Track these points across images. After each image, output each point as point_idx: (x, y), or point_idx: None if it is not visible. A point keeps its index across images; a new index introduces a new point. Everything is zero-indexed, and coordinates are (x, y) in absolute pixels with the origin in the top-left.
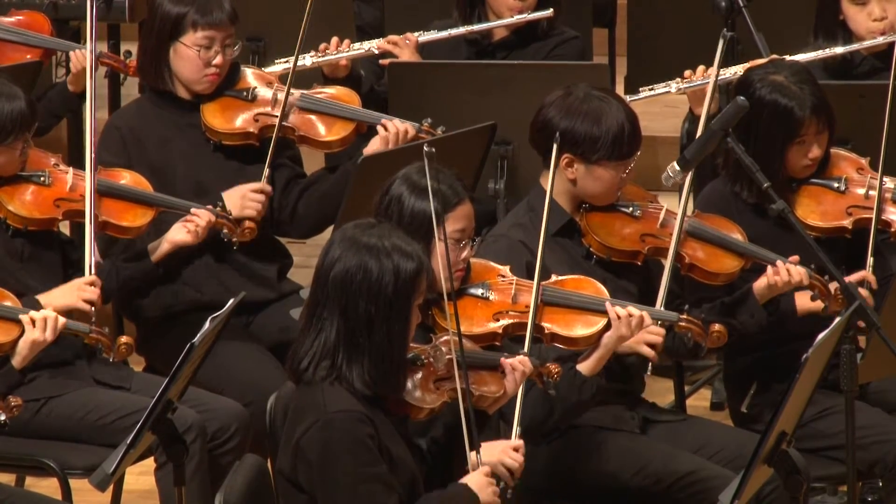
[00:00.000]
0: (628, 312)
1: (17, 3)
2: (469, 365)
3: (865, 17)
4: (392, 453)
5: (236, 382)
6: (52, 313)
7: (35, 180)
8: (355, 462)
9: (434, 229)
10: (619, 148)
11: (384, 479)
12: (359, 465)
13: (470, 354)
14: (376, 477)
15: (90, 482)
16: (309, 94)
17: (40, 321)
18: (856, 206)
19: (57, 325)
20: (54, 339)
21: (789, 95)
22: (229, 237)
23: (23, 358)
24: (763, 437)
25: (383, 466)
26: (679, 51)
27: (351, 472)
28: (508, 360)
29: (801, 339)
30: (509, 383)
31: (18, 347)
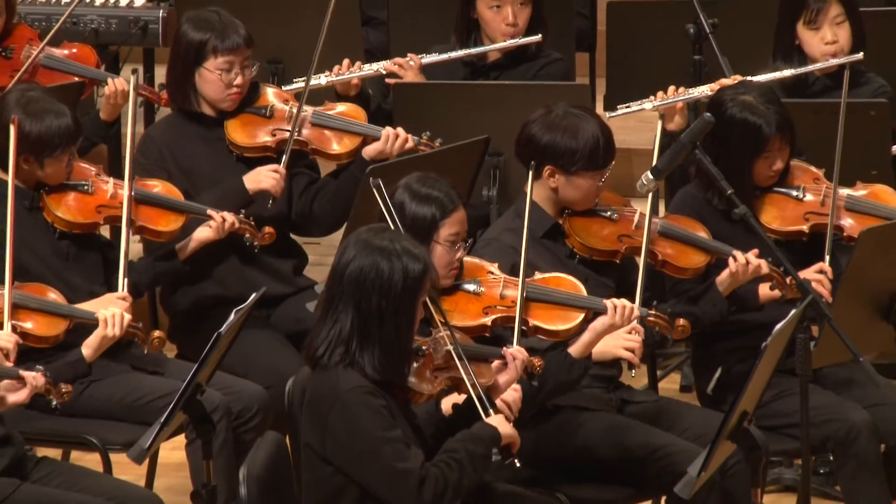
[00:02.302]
0: (623, 304)
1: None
2: (464, 355)
3: (818, 41)
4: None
5: (258, 368)
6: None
7: (79, 189)
8: (375, 429)
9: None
10: (595, 159)
11: (403, 439)
12: (378, 431)
13: (465, 347)
14: (396, 438)
15: (128, 456)
16: (321, 111)
17: (111, 318)
18: (812, 212)
19: (124, 322)
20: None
21: (758, 114)
22: (251, 241)
23: (94, 351)
24: (727, 416)
25: (399, 430)
26: (652, 73)
27: (373, 439)
28: (509, 350)
29: (761, 329)
30: (511, 371)
31: (90, 341)
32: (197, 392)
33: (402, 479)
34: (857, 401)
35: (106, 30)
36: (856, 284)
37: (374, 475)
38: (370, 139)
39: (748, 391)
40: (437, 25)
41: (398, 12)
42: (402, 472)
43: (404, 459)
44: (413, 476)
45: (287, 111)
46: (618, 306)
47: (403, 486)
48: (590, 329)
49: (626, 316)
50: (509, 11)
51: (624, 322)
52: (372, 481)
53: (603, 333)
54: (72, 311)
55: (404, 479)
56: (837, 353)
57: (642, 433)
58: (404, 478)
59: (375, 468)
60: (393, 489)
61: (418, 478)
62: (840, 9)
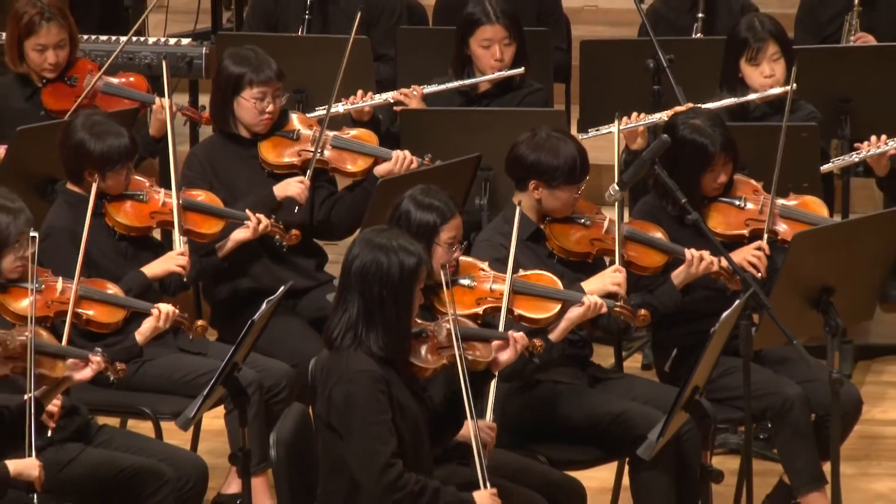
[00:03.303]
0: (595, 301)
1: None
2: (463, 337)
3: (758, 75)
4: (401, 401)
5: (285, 349)
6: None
7: (135, 198)
8: (368, 410)
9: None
10: (573, 175)
11: (389, 425)
12: (371, 413)
13: (470, 330)
14: (384, 423)
15: (176, 424)
16: (340, 135)
17: (162, 314)
18: (752, 218)
19: (171, 316)
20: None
21: (705, 135)
22: (280, 242)
23: (145, 337)
24: (681, 390)
25: (389, 415)
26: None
27: (364, 417)
28: (512, 333)
29: (711, 317)
30: (511, 350)
31: (142, 329)
32: (234, 370)
33: (374, 458)
34: (791, 377)
35: (157, 64)
36: (790, 279)
37: (353, 446)
38: (381, 160)
39: (699, 369)
40: (437, 61)
41: (404, 50)
42: (375, 451)
43: (384, 443)
44: (382, 457)
45: (311, 135)
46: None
47: (372, 464)
48: (565, 318)
49: (594, 309)
50: (497, 49)
51: (594, 312)
52: (350, 451)
53: (577, 322)
54: (128, 303)
55: (375, 459)
56: (774, 337)
57: (608, 402)
58: (375, 457)
59: (357, 441)
60: (363, 464)
61: (385, 463)
62: (776, 47)
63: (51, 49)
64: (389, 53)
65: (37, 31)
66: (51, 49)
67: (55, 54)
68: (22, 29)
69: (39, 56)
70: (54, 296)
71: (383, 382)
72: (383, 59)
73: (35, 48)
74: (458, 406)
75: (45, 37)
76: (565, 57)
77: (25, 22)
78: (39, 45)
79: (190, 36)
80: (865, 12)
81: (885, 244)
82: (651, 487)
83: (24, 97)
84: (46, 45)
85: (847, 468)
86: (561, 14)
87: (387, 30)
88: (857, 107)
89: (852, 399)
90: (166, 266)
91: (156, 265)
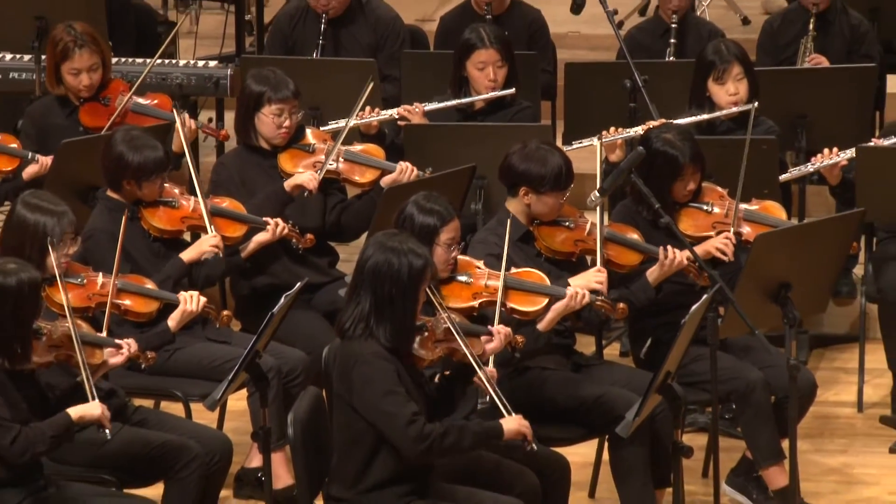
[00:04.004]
0: (578, 292)
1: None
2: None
3: (724, 93)
4: (407, 388)
5: (302, 338)
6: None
7: (168, 204)
8: (384, 383)
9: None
10: (559, 183)
11: (404, 394)
12: (385, 385)
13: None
14: (398, 392)
15: (204, 405)
16: (350, 149)
17: (191, 298)
18: (718, 221)
19: (200, 302)
20: (199, 311)
21: (676, 148)
22: (297, 244)
23: (177, 323)
24: (655, 375)
25: (403, 388)
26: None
27: (380, 390)
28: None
29: (681, 309)
30: (496, 342)
31: (174, 315)
32: (256, 357)
33: (398, 420)
34: (754, 363)
35: (187, 84)
36: (752, 276)
37: (378, 415)
38: (387, 172)
39: (671, 356)
40: (437, 81)
41: (408, 71)
42: (397, 414)
43: (402, 406)
44: (404, 418)
45: (325, 148)
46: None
47: (397, 426)
48: (552, 310)
49: (579, 300)
50: (491, 71)
51: (578, 305)
52: (376, 420)
53: (563, 313)
54: (160, 295)
55: (399, 420)
56: (738, 328)
57: (590, 386)
58: (399, 419)
59: (380, 410)
60: (388, 427)
61: (408, 419)
62: (740, 69)
63: (84, 72)
64: (394, 74)
65: (71, 56)
66: (84, 72)
67: (88, 77)
68: (58, 55)
69: (74, 79)
70: (95, 289)
71: (392, 362)
72: (389, 80)
73: (70, 72)
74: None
75: (79, 61)
76: (551, 78)
77: (61, 48)
78: (74, 69)
79: (216, 59)
80: (819, 37)
81: (837, 245)
82: (628, 462)
83: (63, 115)
84: (80, 68)
85: (803, 445)
86: (548, 40)
87: (392, 53)
88: (812, 122)
89: (808, 383)
90: (201, 248)
91: (191, 250)
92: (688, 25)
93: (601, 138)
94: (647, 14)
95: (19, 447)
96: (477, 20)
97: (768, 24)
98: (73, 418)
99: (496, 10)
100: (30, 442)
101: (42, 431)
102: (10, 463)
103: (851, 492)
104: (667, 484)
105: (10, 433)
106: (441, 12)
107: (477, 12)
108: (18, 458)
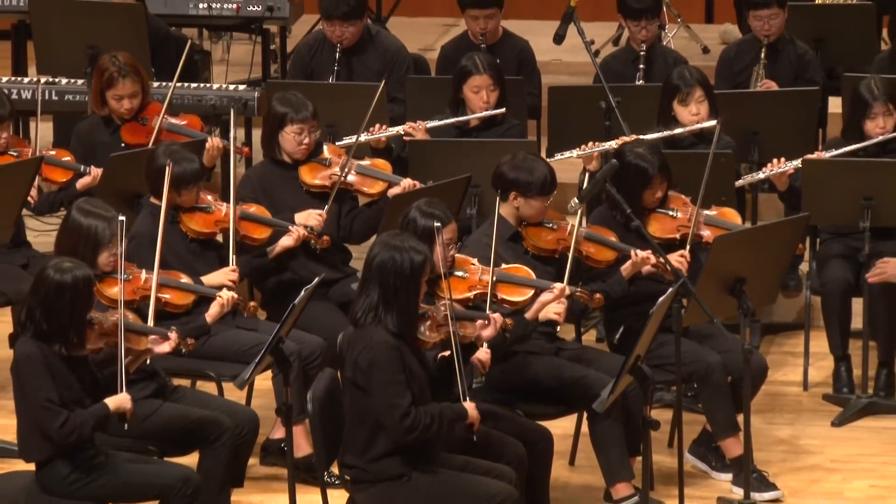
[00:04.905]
0: (561, 287)
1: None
2: (456, 317)
3: (687, 113)
4: (410, 366)
5: (319, 326)
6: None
7: (203, 210)
8: (387, 371)
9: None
10: (545, 189)
11: (404, 384)
12: (389, 373)
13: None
14: (399, 381)
15: (234, 384)
16: (361, 164)
17: (226, 298)
18: (682, 225)
19: (232, 301)
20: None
21: (645, 160)
22: (315, 245)
23: (213, 318)
24: (627, 358)
25: (403, 376)
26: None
27: (385, 378)
28: (492, 314)
29: (650, 301)
30: (491, 327)
31: (211, 311)
32: (279, 342)
33: (395, 410)
34: (713, 348)
35: (220, 105)
36: (711, 272)
37: (378, 401)
38: (393, 184)
39: (641, 342)
40: (437, 102)
41: (412, 94)
42: (395, 405)
43: (400, 397)
44: (400, 409)
45: (340, 162)
46: (557, 286)
47: (392, 413)
48: (538, 301)
49: (558, 294)
50: (484, 93)
51: (559, 296)
52: (375, 404)
53: (547, 303)
54: (196, 289)
55: (396, 410)
56: (699, 317)
57: (571, 368)
58: (396, 409)
59: (380, 395)
60: (385, 412)
61: (403, 412)
62: (701, 92)
63: (126, 98)
64: (400, 96)
65: (115, 84)
66: (126, 98)
67: (130, 102)
68: (104, 82)
69: (117, 103)
70: (139, 284)
71: (398, 350)
72: (395, 101)
73: (114, 97)
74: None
75: (122, 89)
76: (537, 100)
77: (106, 77)
78: (117, 95)
79: (245, 83)
80: (769, 64)
81: (786, 245)
82: (604, 433)
83: (108, 133)
84: (123, 95)
85: (755, 419)
86: (534, 67)
87: (398, 78)
88: (764, 138)
89: (760, 365)
90: (220, 279)
91: (213, 277)
92: (655, 54)
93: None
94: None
95: (66, 431)
96: (472, 49)
97: (725, 52)
98: (111, 409)
99: (489, 41)
100: (75, 426)
101: (84, 421)
102: (58, 444)
103: (798, 460)
104: (637, 453)
105: (60, 418)
106: (441, 42)
107: (473, 42)
108: (65, 440)
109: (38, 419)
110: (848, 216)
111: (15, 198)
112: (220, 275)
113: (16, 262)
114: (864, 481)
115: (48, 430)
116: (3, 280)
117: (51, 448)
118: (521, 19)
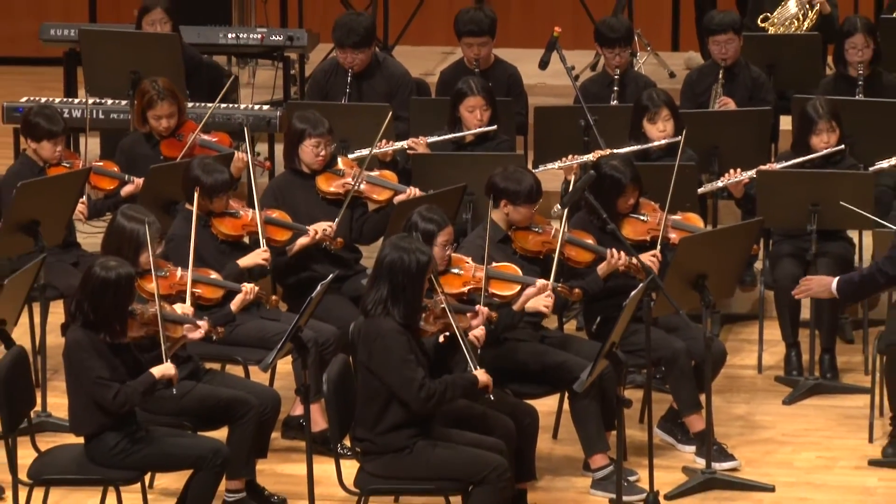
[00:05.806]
0: (544, 283)
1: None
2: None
3: (656, 130)
4: (414, 353)
5: (334, 317)
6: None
7: (232, 215)
8: (400, 353)
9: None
10: (532, 197)
11: (415, 361)
12: (401, 353)
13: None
14: (411, 360)
15: (259, 368)
16: (371, 174)
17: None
18: (652, 228)
19: (255, 291)
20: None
21: (619, 171)
22: (329, 246)
23: (237, 307)
24: (603, 345)
25: (413, 356)
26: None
27: (397, 358)
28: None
29: (623, 294)
30: (479, 318)
31: (235, 301)
32: (298, 331)
33: (410, 384)
34: (678, 336)
35: (246, 122)
36: (677, 269)
37: (395, 379)
38: (399, 192)
39: (615, 330)
40: (437, 121)
41: (415, 113)
42: (410, 378)
43: (414, 372)
44: (416, 382)
45: (353, 173)
46: (540, 282)
47: (410, 388)
48: (524, 295)
49: (541, 288)
50: (478, 113)
51: (542, 290)
52: (393, 383)
53: (532, 296)
54: (225, 284)
55: (411, 384)
56: (667, 308)
57: (554, 354)
58: (411, 383)
59: (396, 375)
60: (403, 389)
61: (419, 384)
62: (668, 111)
63: (164, 118)
64: (405, 115)
65: (154, 105)
66: (164, 118)
67: (167, 121)
68: (144, 103)
69: (157, 122)
70: (175, 280)
71: (405, 335)
72: (400, 119)
73: (153, 117)
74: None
75: (160, 110)
76: (524, 118)
77: (147, 99)
78: (156, 115)
79: (269, 103)
80: (727, 85)
81: (742, 245)
82: (583, 411)
83: (148, 147)
84: (161, 115)
85: (716, 398)
86: (522, 89)
87: (403, 99)
88: (723, 151)
89: (720, 351)
90: (254, 259)
91: (247, 259)
92: (628, 78)
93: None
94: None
95: (119, 401)
96: (468, 74)
97: (689, 76)
98: (157, 377)
99: (483, 67)
100: (127, 396)
101: (135, 389)
102: (113, 413)
103: (754, 434)
104: (612, 428)
105: (112, 390)
106: (440, 68)
107: (468, 68)
108: (119, 408)
109: (93, 394)
110: (797, 220)
111: (67, 203)
112: (255, 255)
113: (67, 261)
114: (811, 453)
115: (103, 403)
116: (55, 276)
117: (101, 422)
118: (510, 47)
